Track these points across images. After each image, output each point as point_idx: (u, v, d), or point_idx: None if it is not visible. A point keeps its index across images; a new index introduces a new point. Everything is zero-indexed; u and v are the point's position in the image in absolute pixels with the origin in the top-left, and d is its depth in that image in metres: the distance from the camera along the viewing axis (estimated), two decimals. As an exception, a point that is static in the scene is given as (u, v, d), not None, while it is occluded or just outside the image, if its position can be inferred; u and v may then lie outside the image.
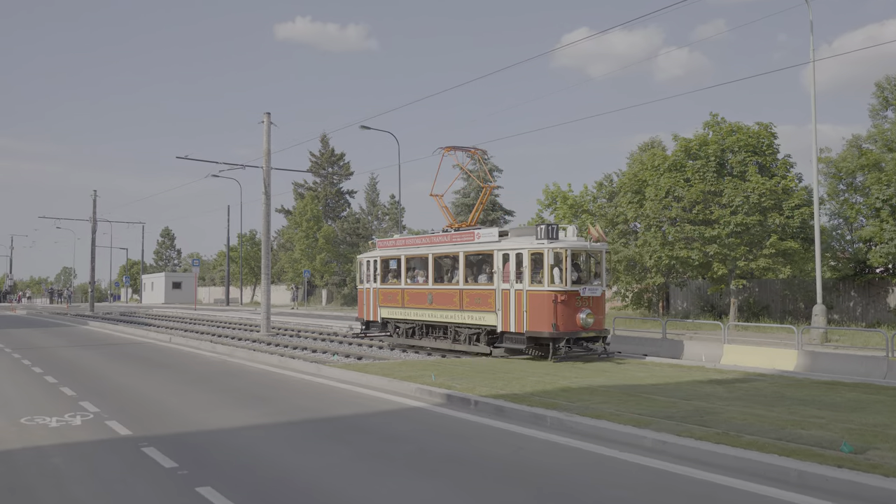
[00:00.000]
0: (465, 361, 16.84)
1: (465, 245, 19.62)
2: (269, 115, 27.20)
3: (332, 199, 72.18)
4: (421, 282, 21.13)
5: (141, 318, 41.31)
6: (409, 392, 12.33)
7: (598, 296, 17.58)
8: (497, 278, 18.27)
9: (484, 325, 18.62)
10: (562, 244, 17.28)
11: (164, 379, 14.54)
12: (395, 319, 21.91)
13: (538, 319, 17.28)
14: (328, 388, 13.22)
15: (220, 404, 11.45)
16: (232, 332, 28.61)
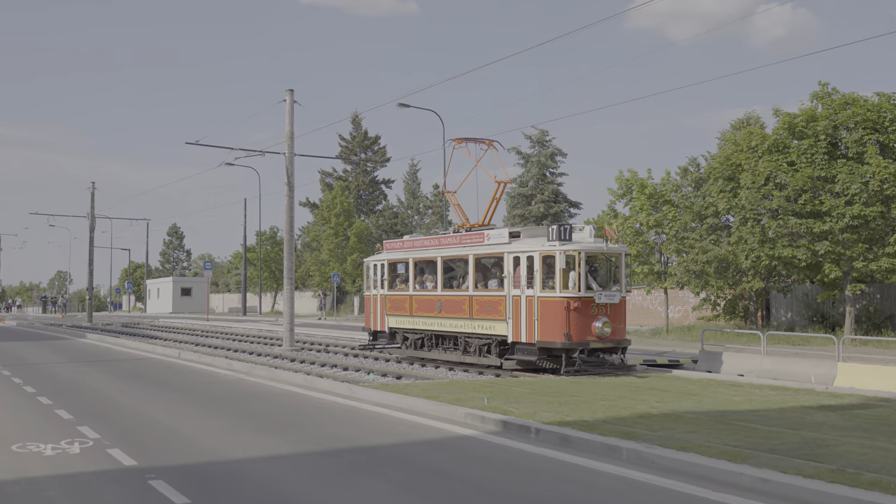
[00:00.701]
0: (523, 381, 16.84)
1: (474, 247, 20.80)
2: (291, 92, 27.54)
3: (366, 190, 72.76)
4: (430, 288, 22.30)
5: (146, 330, 42.19)
6: (457, 417, 12.35)
7: (617, 303, 18.68)
8: (507, 284, 19.39)
9: (494, 335, 19.75)
10: (575, 246, 18.38)
11: (173, 401, 14.83)
12: (403, 329, 23.10)
13: (550, 328, 18.36)
14: (362, 412, 13.32)
15: (237, 430, 11.64)
16: (250, 347, 29.02)
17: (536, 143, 52.28)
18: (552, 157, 52.15)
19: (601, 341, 18.30)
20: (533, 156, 52.10)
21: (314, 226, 67.91)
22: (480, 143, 23.68)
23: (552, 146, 52.40)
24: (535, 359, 18.62)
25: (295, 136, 27.75)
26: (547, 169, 52.10)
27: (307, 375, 18.01)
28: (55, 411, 13.46)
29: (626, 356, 19.25)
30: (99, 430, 11.59)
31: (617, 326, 18.55)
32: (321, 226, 64.49)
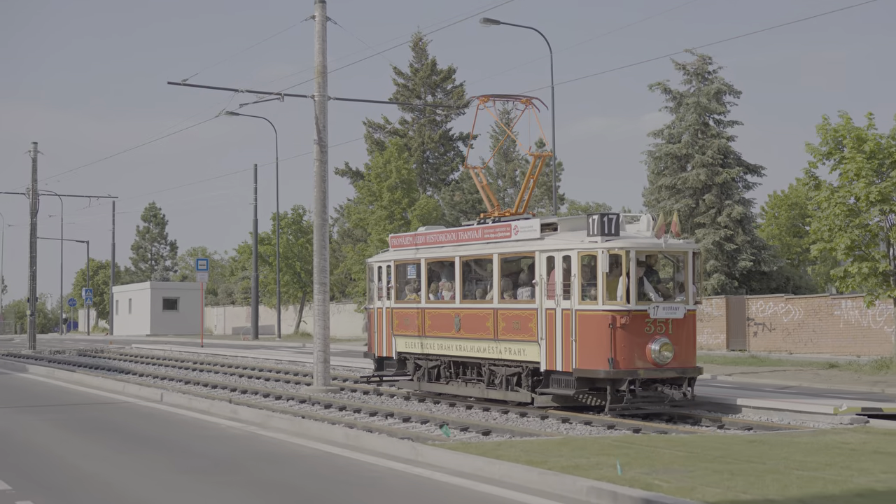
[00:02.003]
0: (672, 439, 16.73)
1: (498, 244, 22.46)
2: (322, 4, 27.83)
3: (434, 150, 73.05)
4: (447, 298, 24.12)
5: (113, 361, 43.17)
6: (575, 494, 12.33)
7: (681, 318, 20.32)
8: (539, 293, 20.98)
9: (524, 362, 21.50)
10: (622, 243, 19.85)
11: (152, 465, 15.14)
12: (413, 354, 25.11)
13: (590, 352, 19.96)
14: (433, 485, 13.40)
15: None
16: (265, 386, 29.45)
17: (694, 75, 51.60)
18: (718, 98, 51.43)
19: (658, 369, 19.81)
20: (688, 95, 51.48)
21: (357, 204, 68.43)
22: (515, 100, 25.34)
23: (718, 80, 51.70)
24: (573, 392, 20.31)
25: (329, 71, 28.04)
26: (710, 115, 51.43)
27: (349, 429, 18.20)
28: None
29: (852, 408, 19.84)
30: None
31: (681, 349, 20.09)
32: (368, 204, 64.96)
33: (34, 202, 54.68)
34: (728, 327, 43.12)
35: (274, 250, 69.48)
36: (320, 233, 27.88)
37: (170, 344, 57.00)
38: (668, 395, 20.23)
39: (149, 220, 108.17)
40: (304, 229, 72.34)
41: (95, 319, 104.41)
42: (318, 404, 24.50)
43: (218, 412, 22.03)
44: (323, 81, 27.83)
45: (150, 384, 29.76)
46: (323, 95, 27.85)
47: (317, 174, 27.98)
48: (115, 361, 43.18)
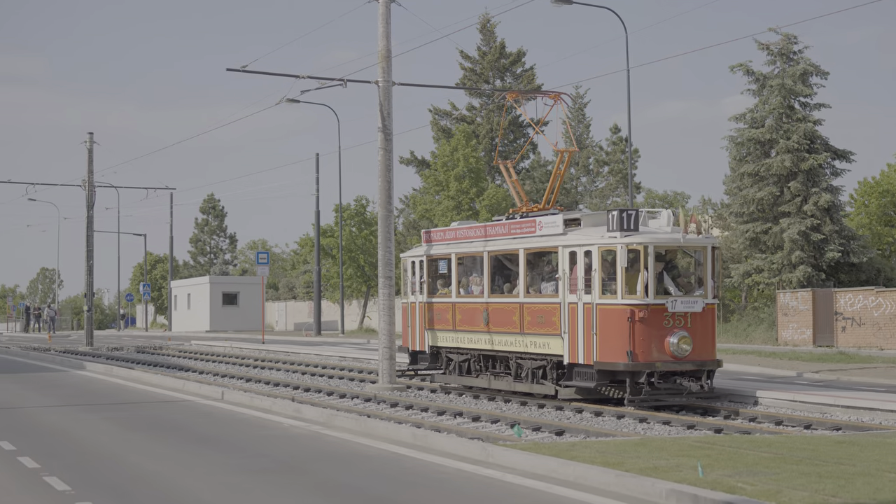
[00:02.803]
0: (758, 440, 16.65)
1: (524, 239, 24.08)
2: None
3: (504, 137, 72.98)
4: (476, 293, 25.89)
5: (172, 358, 43.65)
6: (654, 497, 12.31)
7: (699, 311, 21.78)
8: (562, 287, 22.59)
9: (548, 355, 23.10)
10: (640, 238, 21.34)
11: (214, 465, 15.37)
12: (446, 348, 26.92)
13: (610, 345, 21.48)
14: (505, 487, 13.45)
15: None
16: (328, 384, 29.64)
17: (778, 56, 51.06)
18: (804, 80, 50.87)
19: (677, 362, 21.36)
20: (772, 77, 50.95)
21: (423, 194, 68.60)
22: (544, 96, 26.96)
23: (804, 61, 51.13)
24: (594, 384, 21.87)
25: (393, 56, 28.11)
26: (795, 98, 50.86)
27: (417, 429, 18.28)
28: (44, 479, 14.13)
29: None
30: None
31: (699, 342, 21.60)
32: (434, 194, 65.10)
33: (90, 194, 55.23)
34: (815, 322, 42.62)
35: (337, 243, 69.72)
36: (385, 224, 27.96)
37: (230, 340, 57.43)
38: (686, 388, 21.56)
39: (207, 212, 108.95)
40: (368, 221, 72.51)
41: (153, 315, 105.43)
42: (383, 403, 24.64)
43: (280, 411, 22.21)
44: (387, 66, 27.90)
45: (210, 382, 30.06)
46: (387, 81, 27.93)
47: (381, 163, 28.07)
48: (174, 358, 43.65)
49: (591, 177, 70.28)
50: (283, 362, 39.20)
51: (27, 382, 31.12)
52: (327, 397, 26.35)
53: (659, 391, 21.54)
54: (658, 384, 21.51)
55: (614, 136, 68.21)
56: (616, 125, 68.76)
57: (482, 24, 71.78)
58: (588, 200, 67.52)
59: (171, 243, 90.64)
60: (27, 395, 26.77)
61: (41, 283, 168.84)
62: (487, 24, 71.93)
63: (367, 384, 29.09)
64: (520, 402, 24.42)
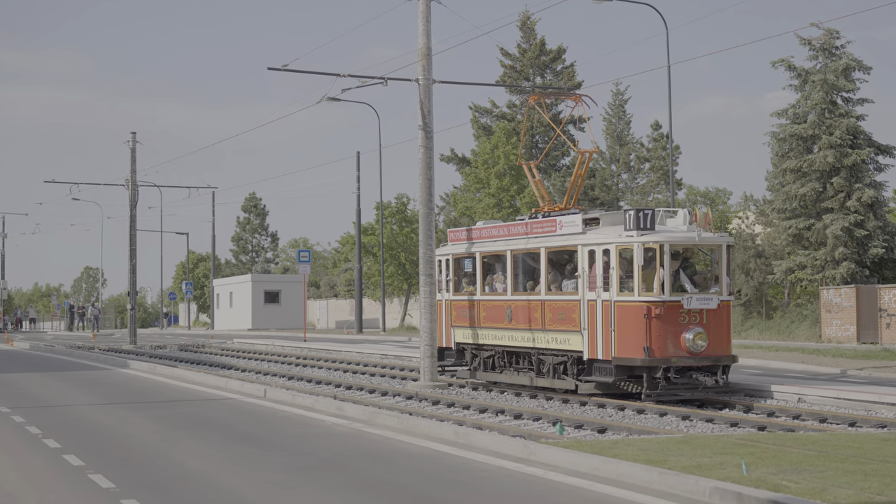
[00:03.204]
0: (802, 438, 16.57)
1: (545, 238, 24.94)
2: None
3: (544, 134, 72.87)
4: (499, 290, 26.71)
5: (214, 356, 43.85)
6: (698, 495, 12.27)
7: (714, 308, 22.48)
8: (582, 285, 23.40)
9: (569, 351, 23.86)
10: (656, 237, 22.09)
11: (257, 463, 15.44)
12: (471, 345, 27.74)
13: (627, 341, 22.29)
14: (547, 485, 13.45)
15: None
16: (370, 382, 29.69)
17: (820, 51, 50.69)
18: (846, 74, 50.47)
19: (693, 357, 22.08)
20: (814, 72, 50.58)
21: (464, 192, 68.62)
22: (566, 98, 28.37)
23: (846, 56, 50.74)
24: (613, 379, 22.64)
25: (433, 54, 28.10)
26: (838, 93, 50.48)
27: (459, 426, 18.28)
28: (89, 476, 14.26)
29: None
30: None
31: (714, 338, 22.31)
32: (475, 192, 65.11)
33: (133, 193, 55.57)
34: (858, 319, 42.31)
35: (378, 241, 69.81)
36: (426, 222, 27.97)
37: (272, 338, 57.72)
38: (701, 383, 22.21)
39: (249, 210, 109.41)
40: (409, 218, 72.59)
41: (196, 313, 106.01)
42: (425, 401, 24.67)
43: (322, 409, 22.29)
44: (427, 64, 27.90)
45: (252, 380, 30.17)
46: (427, 79, 27.92)
47: (422, 161, 28.07)
48: (216, 356, 43.86)
49: (632, 174, 69.93)
50: (324, 360, 39.32)
51: (72, 381, 31.38)
52: (369, 395, 26.40)
53: (675, 386, 22.24)
54: (674, 379, 22.18)
55: (655, 133, 67.85)
56: (657, 122, 68.42)
57: (522, 22, 71.71)
58: (629, 197, 67.25)
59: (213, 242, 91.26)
60: (72, 394, 26.99)
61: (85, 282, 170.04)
62: (527, 22, 71.84)
63: (408, 382, 29.12)
64: (545, 397, 24.83)
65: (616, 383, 22.75)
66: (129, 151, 55.09)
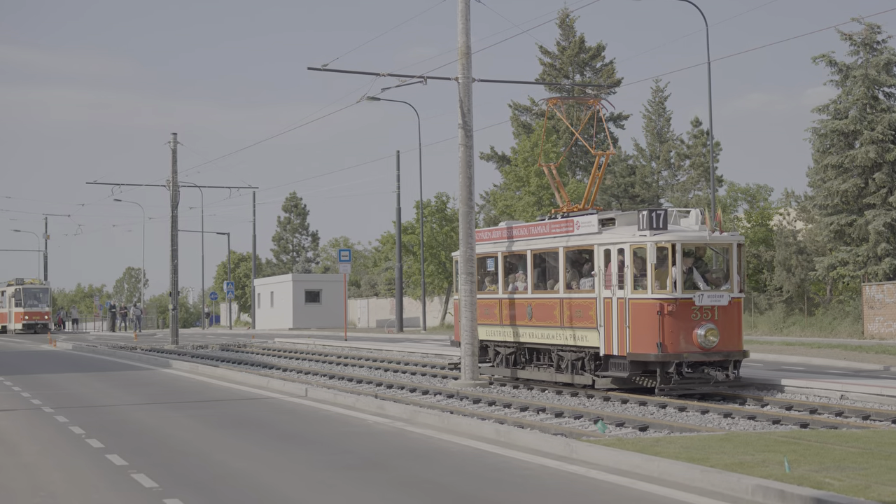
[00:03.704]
0: (845, 435, 16.49)
1: (563, 238, 25.80)
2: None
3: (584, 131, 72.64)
4: (520, 289, 27.60)
5: (256, 356, 44.03)
6: (740, 493, 12.23)
7: (725, 305, 23.18)
8: (598, 283, 24.28)
9: (586, 347, 24.74)
10: (668, 236, 22.91)
11: (299, 462, 15.50)
12: (494, 342, 28.65)
13: (641, 337, 23.09)
14: (588, 483, 13.44)
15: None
16: (411, 381, 29.72)
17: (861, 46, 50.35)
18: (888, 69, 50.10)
19: (704, 353, 22.84)
20: (856, 67, 50.24)
21: (504, 190, 68.59)
22: (583, 101, 30.12)
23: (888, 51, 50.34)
24: (627, 374, 23.47)
25: (472, 52, 28.10)
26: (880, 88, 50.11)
27: (500, 425, 18.27)
28: (132, 476, 14.37)
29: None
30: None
31: (726, 334, 23.06)
32: (515, 190, 65.04)
33: (174, 194, 55.84)
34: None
35: (418, 240, 69.94)
36: (466, 220, 27.95)
37: (313, 338, 57.87)
38: (713, 377, 22.92)
39: (290, 210, 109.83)
40: (449, 217, 72.66)
41: (237, 313, 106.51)
42: (466, 399, 24.67)
43: (364, 407, 22.34)
44: (467, 63, 27.90)
45: (293, 379, 30.27)
46: (467, 77, 27.92)
47: (462, 160, 28.07)
48: (257, 356, 44.04)
49: (673, 171, 69.74)
50: (365, 359, 39.39)
51: (114, 381, 31.59)
52: (410, 394, 26.43)
53: (687, 380, 22.99)
54: (687, 374, 22.97)
55: (695, 130, 67.57)
56: (697, 118, 68.15)
57: (561, 19, 71.65)
58: (669, 194, 67.06)
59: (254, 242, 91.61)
60: (114, 394, 27.18)
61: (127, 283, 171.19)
62: (567, 19, 71.77)
63: (449, 380, 29.15)
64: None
65: (631, 378, 23.56)
66: (171, 152, 55.39)
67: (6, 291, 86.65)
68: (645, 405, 22.62)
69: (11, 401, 25.35)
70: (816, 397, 23.06)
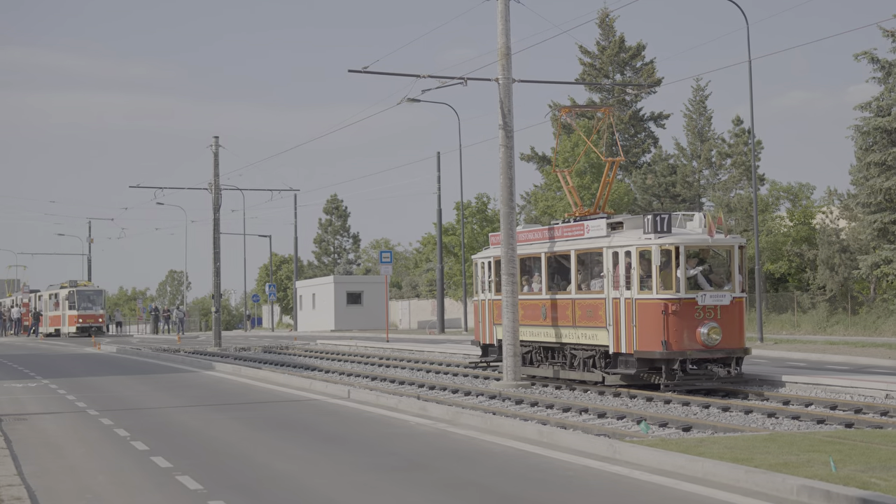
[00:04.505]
0: (891, 434, 16.39)
1: (575, 241, 27.12)
2: (505, -16, 27.86)
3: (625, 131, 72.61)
4: (536, 290, 28.85)
5: (298, 357, 44.18)
6: (785, 494, 12.18)
7: (727, 304, 24.29)
8: (607, 284, 25.51)
9: (597, 346, 26.00)
10: (673, 239, 24.13)
11: (342, 464, 15.56)
12: None
13: (647, 336, 24.29)
14: (632, 484, 13.42)
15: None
16: (453, 382, 29.72)
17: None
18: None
19: (707, 350, 23.97)
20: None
21: (545, 191, 68.52)
22: (594, 111, 33.49)
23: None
24: (635, 371, 24.60)
25: (512, 53, 28.08)
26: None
27: (543, 426, 18.26)
28: (176, 478, 14.47)
29: None
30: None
31: (728, 332, 24.12)
32: (556, 190, 64.95)
33: (216, 197, 56.09)
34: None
35: (459, 241, 69.91)
36: (507, 221, 27.97)
37: (354, 339, 58.01)
38: (715, 373, 24.10)
39: (331, 212, 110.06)
40: (490, 218, 72.60)
41: (279, 315, 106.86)
42: (508, 400, 24.69)
43: (406, 409, 22.37)
44: (507, 63, 27.89)
45: (336, 381, 30.35)
46: (507, 78, 27.91)
47: (502, 160, 28.07)
48: (300, 358, 44.18)
49: (714, 169, 69.35)
50: (407, 360, 39.44)
51: (158, 383, 31.79)
52: (452, 395, 26.46)
53: (691, 376, 24.13)
54: (691, 370, 24.12)
55: (737, 128, 67.16)
56: (738, 117, 67.70)
57: (601, 19, 71.51)
58: (711, 193, 66.70)
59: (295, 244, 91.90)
60: (158, 396, 27.35)
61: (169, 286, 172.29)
62: (606, 19, 71.64)
63: (491, 381, 29.17)
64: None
65: (638, 375, 24.71)
66: (213, 155, 55.66)
67: (59, 294, 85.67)
68: (687, 404, 22.58)
69: (57, 404, 25.55)
70: (861, 397, 22.95)
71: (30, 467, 15.61)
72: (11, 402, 26.20)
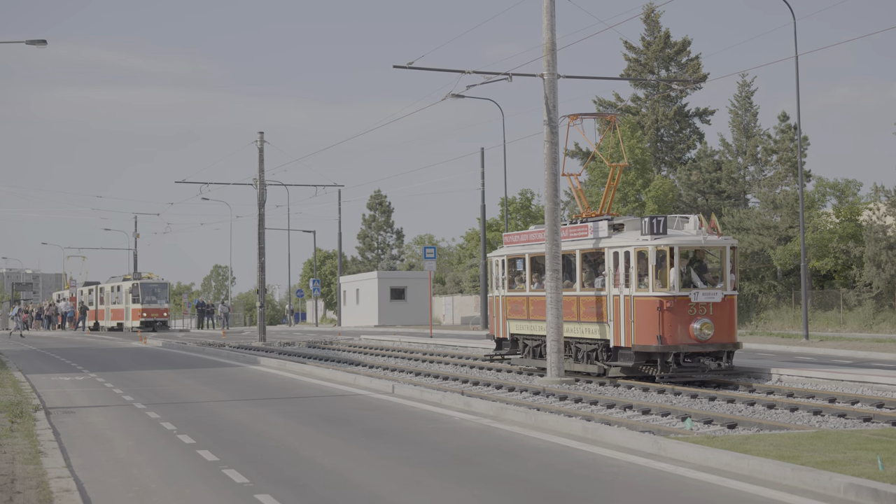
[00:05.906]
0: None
1: (579, 241, 28.76)
2: (550, -20, 27.82)
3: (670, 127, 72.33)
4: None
5: (342, 353, 44.30)
6: (832, 492, 12.12)
7: (719, 301, 25.93)
8: (608, 282, 27.25)
9: (599, 340, 27.72)
10: (668, 240, 25.85)
11: (387, 459, 15.60)
12: (522, 335, 31.73)
13: (644, 330, 26.00)
14: (678, 482, 13.39)
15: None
16: (496, 377, 29.79)
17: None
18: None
19: (700, 344, 25.64)
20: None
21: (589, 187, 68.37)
22: (602, 118, 33.49)
23: None
24: (633, 364, 26.26)
25: (557, 49, 28.04)
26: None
27: (587, 422, 18.27)
28: (223, 471, 14.59)
29: None
30: (285, 503, 12.42)
31: (720, 328, 25.80)
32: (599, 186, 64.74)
33: (261, 192, 56.33)
34: None
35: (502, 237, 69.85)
36: (552, 217, 27.94)
37: (398, 335, 58.10)
38: (707, 366, 25.63)
39: (374, 208, 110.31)
40: (534, 214, 72.61)
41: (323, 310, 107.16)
42: (552, 396, 24.70)
43: (450, 404, 22.42)
44: (552, 59, 27.86)
45: (380, 376, 30.44)
46: (552, 73, 27.88)
47: (547, 156, 28.05)
48: (344, 353, 44.30)
49: (759, 166, 68.92)
50: (451, 356, 39.50)
51: (204, 377, 31.99)
52: (496, 391, 26.50)
53: (685, 369, 25.78)
54: (684, 363, 25.71)
55: (783, 124, 66.70)
56: (784, 113, 67.19)
57: (646, 15, 71.29)
58: (756, 190, 66.31)
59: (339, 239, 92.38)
60: (204, 390, 27.53)
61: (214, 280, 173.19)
62: (652, 14, 71.41)
63: (535, 377, 29.19)
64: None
65: (636, 367, 26.38)
66: (257, 151, 55.93)
67: (122, 287, 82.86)
68: (733, 402, 22.48)
69: (105, 397, 25.80)
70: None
71: (78, 460, 15.79)
72: (59, 395, 26.49)
